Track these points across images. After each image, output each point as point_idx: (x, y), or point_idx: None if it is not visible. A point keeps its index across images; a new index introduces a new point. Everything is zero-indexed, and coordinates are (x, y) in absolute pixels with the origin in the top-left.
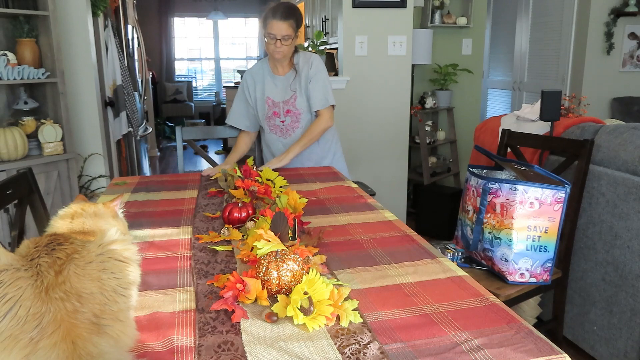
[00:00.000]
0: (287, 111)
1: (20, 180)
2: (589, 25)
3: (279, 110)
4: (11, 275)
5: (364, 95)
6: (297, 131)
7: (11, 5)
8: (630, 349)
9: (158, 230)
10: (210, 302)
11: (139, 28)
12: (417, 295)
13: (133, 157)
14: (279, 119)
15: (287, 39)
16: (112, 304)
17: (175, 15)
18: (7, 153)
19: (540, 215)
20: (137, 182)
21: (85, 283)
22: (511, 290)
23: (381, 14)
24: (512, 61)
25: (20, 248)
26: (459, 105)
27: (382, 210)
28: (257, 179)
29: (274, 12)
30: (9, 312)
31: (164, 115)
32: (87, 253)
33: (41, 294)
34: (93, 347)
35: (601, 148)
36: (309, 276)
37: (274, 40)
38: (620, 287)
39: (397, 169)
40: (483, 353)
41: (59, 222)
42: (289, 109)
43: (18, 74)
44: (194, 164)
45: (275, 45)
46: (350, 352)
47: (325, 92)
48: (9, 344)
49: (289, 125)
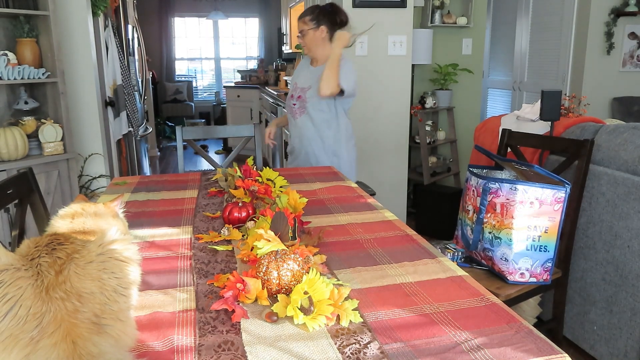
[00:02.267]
0: (299, 97)
1: (21, 180)
2: (589, 25)
3: (295, 93)
4: (11, 274)
5: (364, 95)
6: (302, 117)
7: (11, 5)
8: (630, 349)
9: (158, 230)
10: (211, 302)
11: (139, 28)
12: (417, 295)
13: (133, 157)
14: (292, 101)
15: (303, 33)
16: (112, 304)
17: (175, 15)
18: (7, 153)
19: (540, 215)
20: (137, 182)
21: (86, 283)
22: (511, 290)
23: (381, 13)
24: (512, 61)
25: (20, 248)
26: (459, 105)
27: (382, 210)
28: (257, 178)
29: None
30: (9, 312)
31: (164, 115)
32: (88, 253)
33: (41, 294)
34: (93, 347)
35: (601, 148)
36: (309, 276)
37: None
38: (620, 287)
39: (397, 168)
40: (483, 353)
41: (59, 222)
42: (301, 95)
43: (18, 74)
44: (194, 164)
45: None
46: (350, 352)
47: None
48: (10, 343)
49: (297, 109)
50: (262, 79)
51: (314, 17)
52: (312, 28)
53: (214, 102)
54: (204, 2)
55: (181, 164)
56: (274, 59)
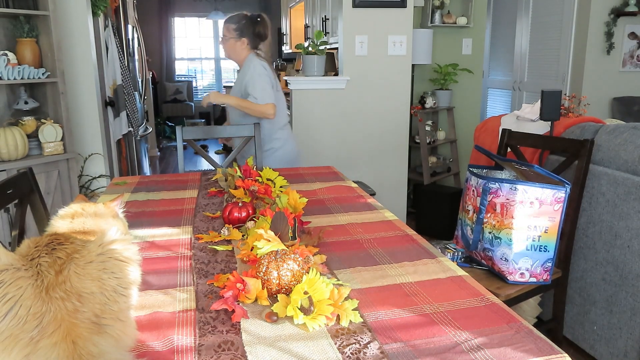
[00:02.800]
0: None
1: (21, 180)
2: (589, 25)
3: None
4: (12, 274)
5: (364, 95)
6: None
7: (11, 5)
8: (630, 349)
9: (158, 230)
10: (211, 302)
11: (139, 28)
12: (417, 295)
13: (133, 156)
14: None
15: (225, 39)
16: (112, 304)
17: (175, 15)
18: (7, 153)
19: (540, 215)
20: (137, 182)
21: (86, 283)
22: (511, 290)
23: (381, 13)
24: (512, 61)
25: (20, 248)
26: (459, 105)
27: (382, 210)
28: (257, 178)
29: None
30: (9, 312)
31: (164, 115)
32: (88, 253)
33: (41, 294)
34: (93, 347)
35: (601, 148)
36: (309, 276)
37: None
38: (620, 287)
39: (397, 168)
40: (483, 353)
41: (59, 222)
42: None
43: (18, 74)
44: (194, 164)
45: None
46: (350, 352)
47: (259, 90)
48: (10, 343)
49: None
50: None
51: (238, 27)
52: (234, 37)
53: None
54: (204, 2)
55: (181, 164)
56: (274, 59)
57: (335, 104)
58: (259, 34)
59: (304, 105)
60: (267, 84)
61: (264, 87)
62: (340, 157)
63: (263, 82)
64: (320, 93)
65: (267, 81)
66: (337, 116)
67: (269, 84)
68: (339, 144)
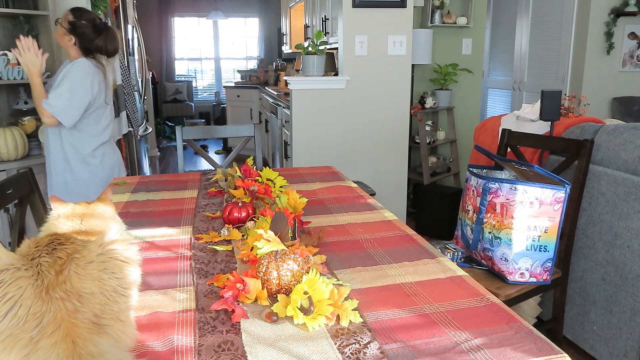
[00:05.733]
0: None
1: (21, 180)
2: (589, 25)
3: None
4: (12, 274)
5: (364, 95)
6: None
7: (11, 5)
8: (630, 349)
9: (158, 230)
10: (210, 302)
11: (139, 28)
12: (417, 295)
13: (133, 157)
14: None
15: (57, 26)
16: (112, 304)
17: (175, 15)
18: (7, 153)
19: (540, 215)
20: (137, 182)
21: (86, 283)
22: (511, 290)
23: (381, 13)
24: (512, 61)
25: (20, 247)
26: (459, 105)
27: (382, 210)
28: (257, 178)
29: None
30: (9, 312)
31: (164, 115)
32: (88, 253)
33: (42, 294)
34: (93, 347)
35: (601, 148)
36: (309, 276)
37: None
38: (620, 287)
39: (397, 169)
40: (483, 353)
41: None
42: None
43: (18, 74)
44: (194, 164)
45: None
46: (350, 352)
47: (56, 94)
48: (9, 343)
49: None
50: (262, 79)
51: (72, 23)
52: (65, 28)
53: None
54: (204, 2)
55: (181, 164)
56: (274, 59)
57: (335, 104)
58: (98, 46)
59: (304, 105)
60: (76, 99)
61: (68, 99)
62: (340, 157)
63: (73, 94)
64: (320, 93)
65: (79, 97)
66: (337, 116)
67: (80, 101)
68: (339, 144)
